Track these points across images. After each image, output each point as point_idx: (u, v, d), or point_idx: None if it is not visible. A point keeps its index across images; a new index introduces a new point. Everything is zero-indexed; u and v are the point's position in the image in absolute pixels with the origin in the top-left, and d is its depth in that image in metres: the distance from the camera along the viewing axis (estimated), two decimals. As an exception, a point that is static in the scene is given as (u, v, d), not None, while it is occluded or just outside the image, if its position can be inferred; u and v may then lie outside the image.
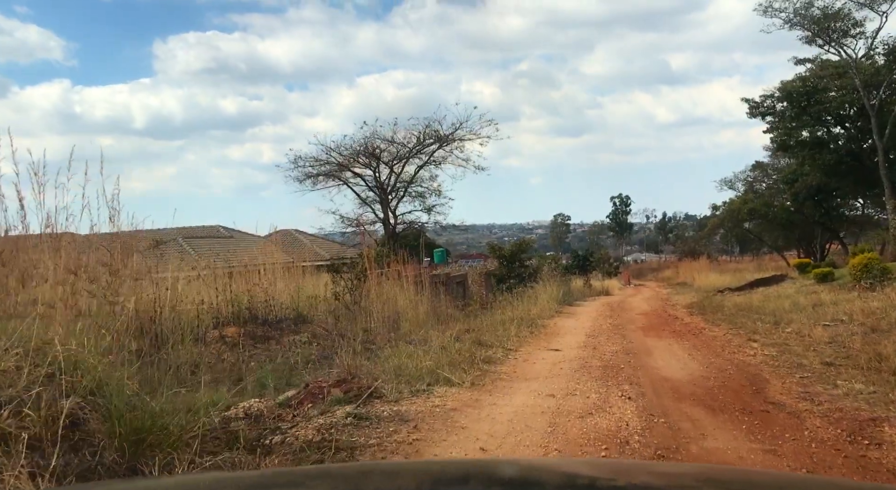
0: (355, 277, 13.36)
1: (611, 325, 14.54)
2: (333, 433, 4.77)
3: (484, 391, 6.79)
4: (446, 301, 19.08)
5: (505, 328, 12.57)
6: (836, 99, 27.63)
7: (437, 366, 7.60)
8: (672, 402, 6.53)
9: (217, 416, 6.11)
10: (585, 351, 10.13)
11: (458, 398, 6.27)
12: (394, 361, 7.90)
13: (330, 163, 24.11)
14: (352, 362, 7.40)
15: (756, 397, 7.09)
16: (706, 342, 11.65)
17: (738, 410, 6.35)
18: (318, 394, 5.71)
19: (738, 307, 17.25)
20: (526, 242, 23.33)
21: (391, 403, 5.78)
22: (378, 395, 5.96)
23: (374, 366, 7.80)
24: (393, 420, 5.21)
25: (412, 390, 6.39)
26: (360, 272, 13.35)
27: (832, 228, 35.98)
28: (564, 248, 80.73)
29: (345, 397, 5.68)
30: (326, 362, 8.26)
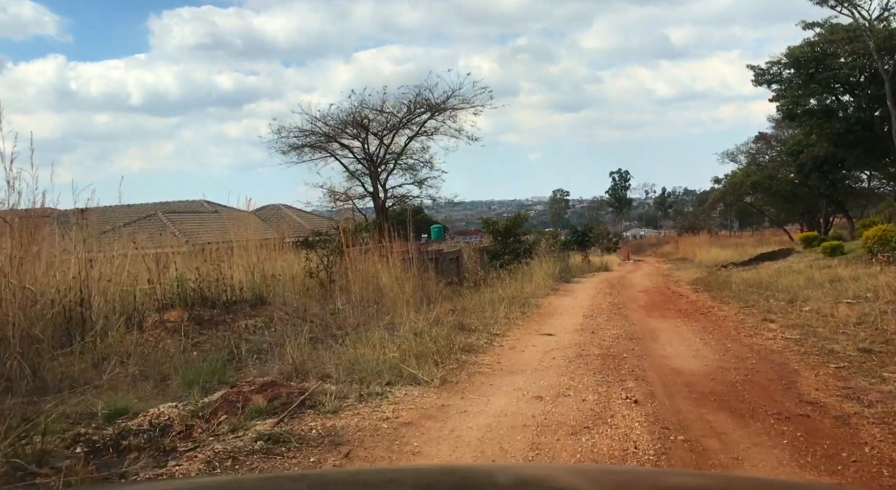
0: (331, 253, 11.97)
1: (610, 303, 13.17)
2: (231, 464, 3.41)
3: (455, 392, 5.42)
4: (436, 279, 17.74)
5: (494, 309, 11.20)
6: (846, 65, 25.94)
7: (404, 358, 6.23)
8: (689, 405, 5.17)
9: (116, 428, 4.78)
10: (582, 335, 8.76)
11: (418, 405, 4.90)
12: (354, 352, 6.54)
13: (316, 133, 22.58)
14: (299, 355, 6.04)
15: (789, 395, 5.73)
16: (717, 323, 10.29)
17: (773, 416, 4.99)
18: (236, 401, 4.36)
19: (746, 283, 15.87)
20: (521, 217, 21.87)
21: (326, 416, 4.42)
22: (313, 403, 4.60)
23: (329, 358, 6.43)
24: (320, 443, 3.85)
25: (362, 393, 5.03)
26: (335, 248, 11.96)
27: (838, 201, 34.44)
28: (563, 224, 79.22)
29: (268, 407, 4.34)
30: (279, 351, 6.92)
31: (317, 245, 12.16)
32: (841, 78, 26.81)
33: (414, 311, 11.21)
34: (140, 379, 6.37)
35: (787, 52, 27.53)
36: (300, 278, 11.05)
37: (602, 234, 49.07)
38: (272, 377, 4.86)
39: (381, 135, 23.66)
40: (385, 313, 11.54)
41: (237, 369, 6.63)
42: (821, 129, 27.05)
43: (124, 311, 8.01)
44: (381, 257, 15.48)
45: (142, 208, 26.06)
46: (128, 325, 7.81)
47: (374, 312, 10.87)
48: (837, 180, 34.00)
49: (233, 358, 6.86)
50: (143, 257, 9.55)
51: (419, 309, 13.06)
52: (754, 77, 28.36)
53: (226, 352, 6.87)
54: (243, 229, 14.02)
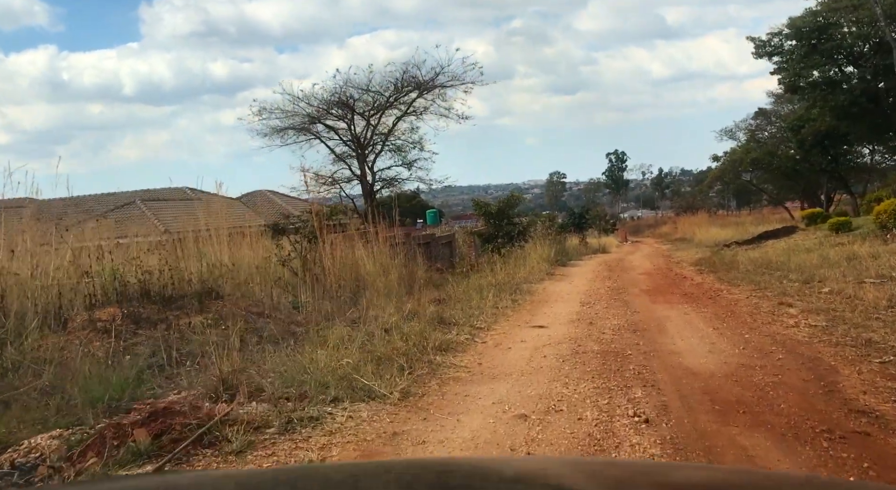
0: (305, 240, 10.79)
1: (610, 288, 11.99)
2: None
3: (417, 410, 4.25)
4: (426, 265, 16.56)
5: (482, 297, 10.03)
6: (851, 34, 24.58)
7: (361, 364, 5.05)
8: (714, 422, 4.00)
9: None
10: (579, 327, 7.58)
11: (362, 435, 3.74)
12: (305, 356, 5.36)
13: (299, 114, 21.25)
14: (229, 364, 4.87)
15: (834, 403, 4.57)
16: (729, 309, 9.12)
17: (823, 435, 3.83)
18: (113, 437, 3.19)
19: (754, 263, 14.69)
20: (515, 197, 20.58)
21: (228, 458, 3.26)
22: (217, 437, 3.42)
23: (273, 364, 5.26)
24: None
25: (292, 419, 3.86)
26: (308, 233, 10.78)
27: (840, 177, 33.17)
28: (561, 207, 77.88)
29: (152, 445, 3.18)
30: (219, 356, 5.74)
31: (289, 230, 10.95)
32: (845, 48, 25.47)
33: (395, 302, 10.08)
34: (49, 393, 5.22)
35: (788, 23, 26.16)
36: (267, 267, 9.86)
37: (599, 216, 47.74)
38: (170, 400, 3.70)
39: (367, 115, 22.33)
40: (364, 304, 10.43)
41: (166, 378, 5.47)
42: (824, 101, 25.71)
43: (49, 309, 6.83)
44: (366, 243, 14.36)
45: (122, 197, 24.88)
46: (52, 326, 6.65)
47: (349, 304, 9.71)
48: (839, 155, 32.71)
49: (162, 365, 5.69)
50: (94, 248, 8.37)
51: (403, 298, 11.94)
52: (754, 49, 26.99)
53: (147, 358, 5.69)
54: (215, 216, 12.86)
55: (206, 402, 4.20)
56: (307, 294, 10.10)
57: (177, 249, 10.21)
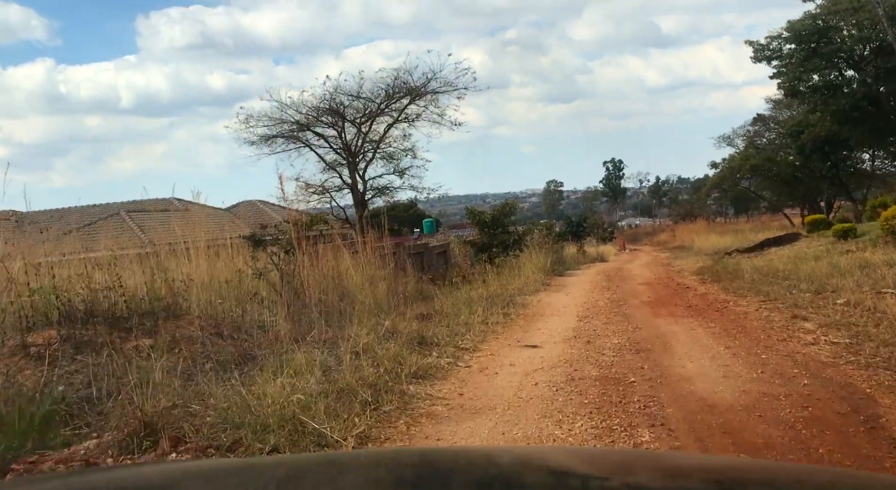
0: (283, 251, 9.98)
1: (609, 300, 11.18)
2: None
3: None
4: (417, 276, 15.77)
5: (472, 311, 9.22)
6: (852, 37, 23.88)
7: (318, 398, 4.24)
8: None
9: None
10: (575, 347, 6.76)
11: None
12: (252, 391, 4.53)
13: (287, 122, 20.50)
14: (165, 400, 4.05)
15: (881, 443, 3.77)
16: (739, 323, 8.31)
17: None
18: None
19: (759, 272, 13.87)
20: (510, 205, 19.76)
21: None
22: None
23: (218, 400, 4.44)
24: None
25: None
26: (286, 245, 9.98)
27: (841, 183, 32.44)
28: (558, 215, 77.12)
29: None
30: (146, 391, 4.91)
31: (266, 242, 10.15)
32: (845, 51, 24.78)
33: (378, 318, 9.29)
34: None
35: (787, 26, 25.48)
36: (240, 282, 9.05)
37: (597, 224, 47.06)
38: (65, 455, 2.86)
39: (358, 122, 21.60)
40: (344, 321, 9.63)
41: (98, 415, 4.66)
42: (825, 105, 25.01)
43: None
44: (354, 254, 13.60)
45: (107, 208, 24.08)
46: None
47: (328, 321, 8.90)
48: (840, 161, 32.00)
49: (93, 399, 4.87)
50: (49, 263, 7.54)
51: (389, 313, 11.15)
52: (753, 53, 26.33)
53: (81, 389, 4.87)
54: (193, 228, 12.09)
55: (116, 452, 3.38)
56: (282, 311, 9.31)
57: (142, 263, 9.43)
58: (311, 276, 11.06)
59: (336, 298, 10.87)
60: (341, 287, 11.66)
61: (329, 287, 11.15)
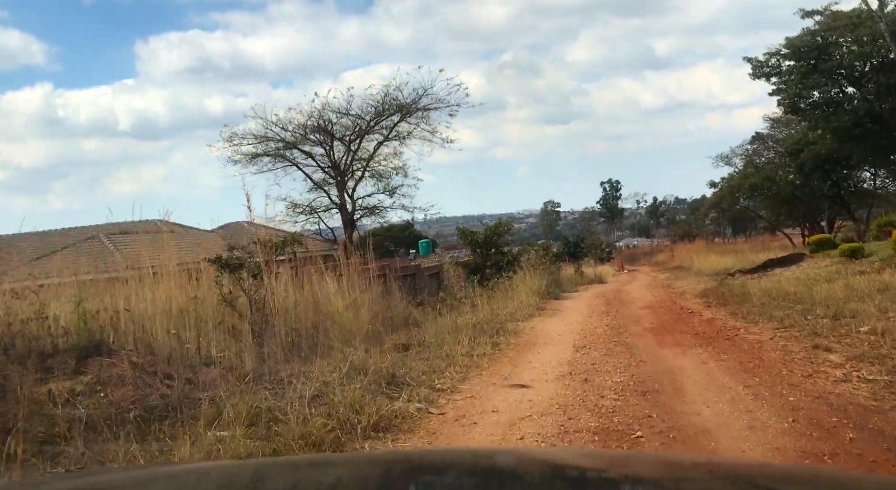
0: (250, 276, 9.03)
1: (608, 327, 10.20)
2: None
3: None
4: (405, 299, 14.81)
5: (456, 340, 8.24)
6: (852, 53, 23.13)
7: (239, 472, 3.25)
8: None
9: None
10: (570, 386, 5.77)
11: None
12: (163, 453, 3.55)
13: (273, 140, 19.64)
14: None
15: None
16: (754, 354, 7.34)
17: None
18: None
19: (768, 295, 12.90)
20: (503, 224, 18.83)
21: None
22: None
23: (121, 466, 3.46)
24: None
25: None
26: (254, 268, 9.03)
27: (842, 202, 31.56)
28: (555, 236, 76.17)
29: None
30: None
31: (233, 265, 9.18)
32: (845, 67, 24.03)
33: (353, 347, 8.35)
34: None
35: (785, 43, 24.77)
36: (198, 310, 8.09)
37: (595, 245, 46.12)
38: None
39: (348, 140, 20.76)
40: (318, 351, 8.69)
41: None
42: (827, 122, 24.19)
43: None
44: (338, 276, 12.67)
45: (87, 231, 23.11)
46: None
47: (292, 353, 7.94)
48: (841, 180, 31.16)
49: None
50: None
51: (371, 341, 10.18)
52: (752, 70, 25.56)
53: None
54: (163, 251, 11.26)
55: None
56: (248, 341, 8.37)
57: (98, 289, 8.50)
58: (286, 302, 10.14)
59: (310, 326, 9.92)
60: (319, 313, 10.73)
61: (304, 313, 10.21)
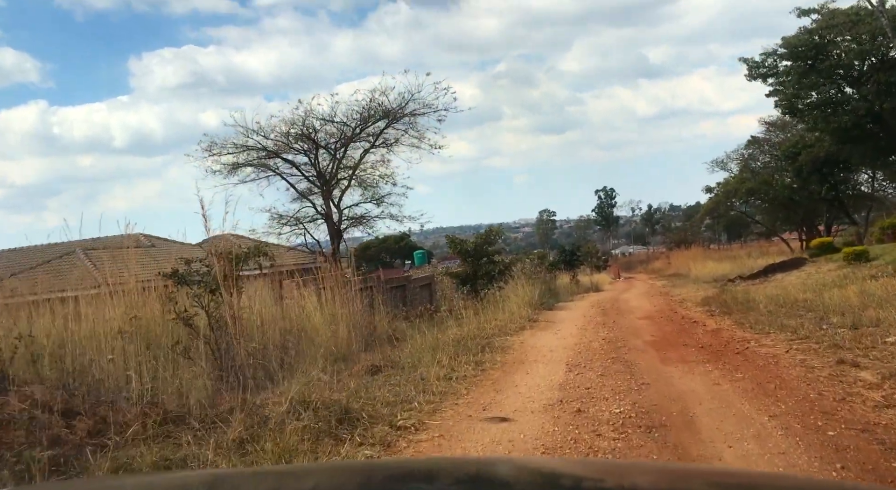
0: (207, 292, 8.01)
1: (605, 340, 9.19)
2: None
3: None
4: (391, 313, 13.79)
5: (434, 360, 7.23)
6: (852, 51, 22.26)
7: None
8: None
9: None
10: (561, 419, 4.76)
11: None
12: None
13: (253, 148, 18.65)
14: None
15: None
16: (772, 372, 6.34)
17: None
18: None
19: (774, 302, 11.93)
20: (494, 232, 17.80)
21: None
22: None
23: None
24: None
25: None
26: (211, 283, 8.02)
27: (841, 205, 30.66)
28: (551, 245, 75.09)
29: None
30: None
31: (190, 280, 8.17)
32: (844, 67, 23.16)
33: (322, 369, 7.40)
34: None
35: (782, 43, 23.92)
36: (139, 331, 7.08)
37: (591, 253, 45.04)
38: None
39: (334, 148, 19.80)
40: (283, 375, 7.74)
41: None
42: (826, 122, 23.28)
43: None
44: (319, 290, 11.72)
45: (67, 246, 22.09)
46: None
47: (246, 380, 6.92)
48: (839, 183, 30.27)
49: None
50: None
51: (349, 360, 9.23)
52: (748, 71, 24.72)
53: None
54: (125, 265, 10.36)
55: None
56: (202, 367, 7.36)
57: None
58: (252, 319, 9.14)
59: (279, 346, 8.92)
60: (292, 331, 9.74)
61: (271, 332, 9.20)
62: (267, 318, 9.66)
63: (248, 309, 9.17)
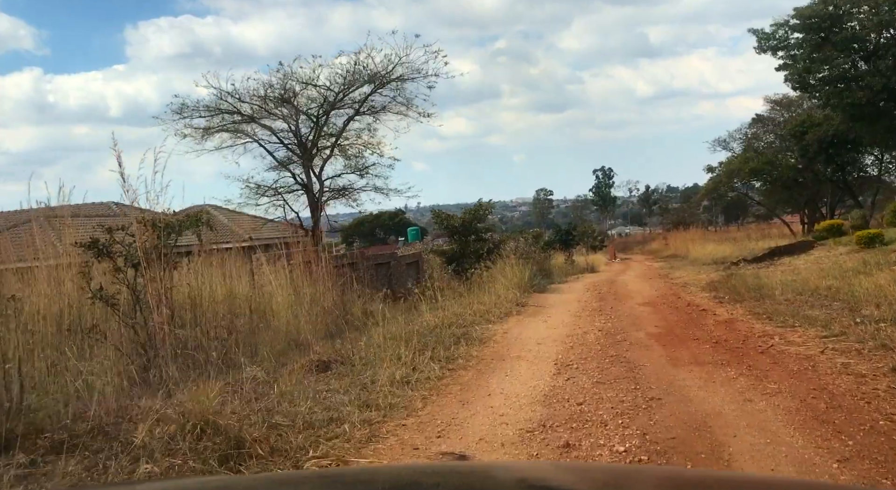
0: (131, 266, 6.60)
1: (602, 332, 7.78)
2: None
3: None
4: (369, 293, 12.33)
5: (396, 356, 5.82)
6: (871, 21, 20.58)
7: None
8: None
9: None
10: (545, 450, 3.33)
11: None
12: None
13: (228, 112, 17.08)
14: None
15: None
16: (814, 385, 4.93)
17: None
18: None
19: (791, 289, 10.52)
20: (483, 207, 16.26)
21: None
22: None
23: None
24: None
25: None
26: (130, 257, 6.60)
27: (846, 186, 29.17)
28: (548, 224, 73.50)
29: None
30: None
31: (114, 253, 6.73)
32: (860, 39, 21.52)
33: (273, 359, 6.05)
34: None
35: (794, 13, 22.23)
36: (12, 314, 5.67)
37: (587, 233, 43.61)
38: None
39: (317, 115, 18.21)
40: (211, 369, 6.37)
41: None
42: (839, 98, 21.68)
43: None
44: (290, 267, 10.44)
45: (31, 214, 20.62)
46: None
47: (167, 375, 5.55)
48: (846, 164, 28.72)
49: None
50: None
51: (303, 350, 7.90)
52: (757, 43, 23.04)
53: None
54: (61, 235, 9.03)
55: None
56: (115, 359, 6.02)
57: None
58: (194, 299, 7.74)
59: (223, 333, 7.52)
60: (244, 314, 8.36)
61: (213, 316, 7.78)
62: (220, 298, 8.30)
63: (193, 288, 7.77)
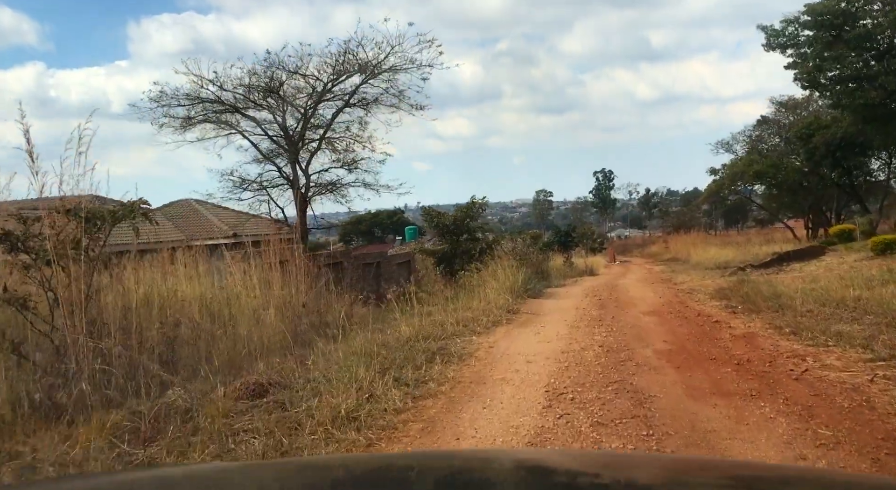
0: (43, 263, 5.47)
1: (602, 348, 6.60)
2: None
3: None
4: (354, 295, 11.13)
5: (351, 379, 4.66)
6: (888, 18, 19.36)
7: None
8: None
9: None
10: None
11: None
12: None
13: (209, 101, 15.95)
14: None
15: None
16: (878, 431, 3.80)
17: None
18: None
19: (812, 298, 9.34)
20: (476, 206, 15.09)
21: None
22: None
23: None
24: None
25: None
26: (41, 253, 5.47)
27: (853, 191, 27.97)
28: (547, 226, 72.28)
29: None
30: None
31: (28, 246, 5.60)
32: (874, 37, 20.33)
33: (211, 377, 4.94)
34: None
35: (805, 9, 21.05)
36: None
37: (586, 234, 42.42)
38: None
39: (305, 106, 17.06)
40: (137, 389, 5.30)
41: None
42: (851, 97, 20.49)
43: None
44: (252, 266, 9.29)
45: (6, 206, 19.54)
46: None
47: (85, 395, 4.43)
48: (853, 168, 27.51)
49: None
50: None
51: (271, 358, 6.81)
52: (766, 40, 21.89)
53: None
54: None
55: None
56: (11, 375, 4.89)
57: None
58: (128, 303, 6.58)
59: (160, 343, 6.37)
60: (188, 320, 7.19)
61: (149, 322, 6.61)
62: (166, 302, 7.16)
63: (129, 290, 6.63)
